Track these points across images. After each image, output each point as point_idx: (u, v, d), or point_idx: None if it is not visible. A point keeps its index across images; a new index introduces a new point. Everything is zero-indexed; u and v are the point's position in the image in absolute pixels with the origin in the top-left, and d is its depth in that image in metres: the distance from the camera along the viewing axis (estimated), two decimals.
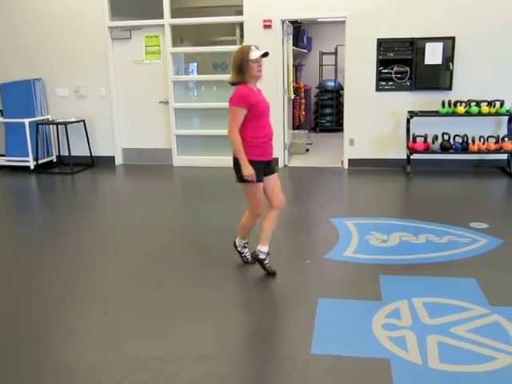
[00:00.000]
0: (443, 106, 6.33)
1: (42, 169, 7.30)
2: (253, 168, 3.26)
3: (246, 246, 3.74)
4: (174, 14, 7.04)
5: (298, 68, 10.22)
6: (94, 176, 7.08)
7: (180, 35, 7.35)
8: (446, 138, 6.42)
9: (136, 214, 5.19)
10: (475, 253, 3.85)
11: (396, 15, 6.47)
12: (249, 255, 3.73)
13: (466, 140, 6.35)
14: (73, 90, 7.46)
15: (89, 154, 7.49)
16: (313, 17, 7.30)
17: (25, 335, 2.85)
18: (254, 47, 3.27)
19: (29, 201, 6.04)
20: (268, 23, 6.71)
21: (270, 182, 3.46)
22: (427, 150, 6.41)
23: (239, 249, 3.76)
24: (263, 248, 3.51)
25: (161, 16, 7.00)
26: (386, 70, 6.66)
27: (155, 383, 2.38)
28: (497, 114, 6.30)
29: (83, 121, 7.41)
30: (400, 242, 4.10)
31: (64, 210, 5.47)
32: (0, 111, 7.57)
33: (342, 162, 7.08)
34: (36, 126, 7.19)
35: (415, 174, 6.42)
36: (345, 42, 6.74)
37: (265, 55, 3.27)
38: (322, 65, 10.89)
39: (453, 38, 6.38)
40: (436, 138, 6.36)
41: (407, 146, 6.55)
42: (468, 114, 6.29)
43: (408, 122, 6.51)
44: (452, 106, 6.32)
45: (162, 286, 3.45)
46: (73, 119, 7.36)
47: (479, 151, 6.36)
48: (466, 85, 6.47)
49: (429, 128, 6.49)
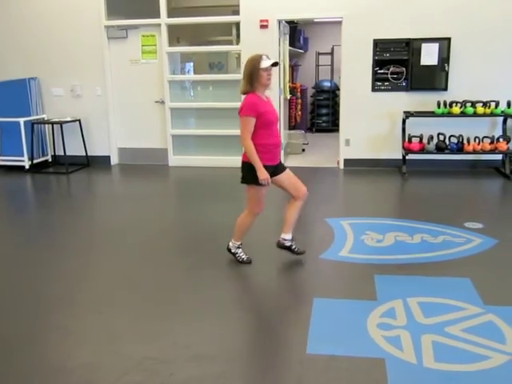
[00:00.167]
0: (439, 106, 6.35)
1: (37, 168, 7.28)
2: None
3: (239, 247, 3.78)
4: (170, 14, 7.03)
5: (294, 68, 10.23)
6: (90, 176, 7.06)
7: (176, 35, 7.34)
8: (442, 138, 6.44)
9: (131, 214, 5.19)
10: (470, 252, 3.87)
11: (392, 16, 6.49)
12: (243, 255, 3.75)
13: (461, 140, 6.37)
14: (68, 89, 7.44)
15: (84, 154, 7.47)
16: (309, 17, 7.30)
17: (20, 336, 2.84)
18: (265, 56, 3.41)
19: (23, 201, 6.01)
20: (264, 23, 6.70)
21: (286, 177, 3.69)
22: (423, 151, 6.43)
23: (233, 250, 3.78)
24: (287, 236, 3.77)
25: (157, 15, 7.00)
26: (382, 71, 6.68)
27: (150, 383, 2.38)
28: (492, 114, 6.32)
29: (79, 120, 7.40)
30: (395, 242, 4.11)
31: (59, 211, 5.46)
32: None
33: (338, 162, 7.09)
34: (31, 125, 7.16)
35: (411, 174, 6.44)
36: (341, 43, 6.75)
37: (275, 65, 3.42)
38: (318, 65, 10.90)
39: (448, 39, 6.40)
40: (431, 138, 6.38)
41: (403, 147, 6.56)
42: (463, 114, 6.32)
43: (404, 122, 6.53)
44: (447, 106, 6.34)
45: (156, 286, 3.45)
46: (68, 119, 7.34)
47: (474, 152, 6.38)
48: (461, 85, 6.50)
49: (424, 128, 6.51)
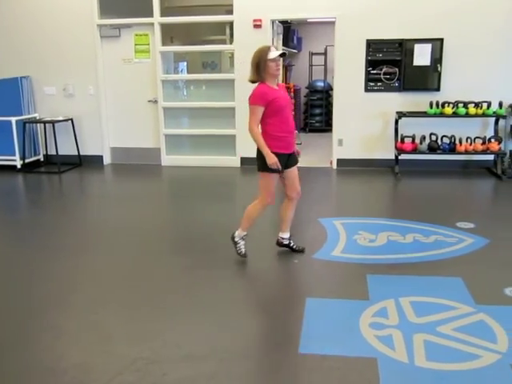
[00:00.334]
0: (431, 106, 6.38)
1: (28, 168, 7.23)
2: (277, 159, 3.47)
3: (243, 239, 3.78)
4: (163, 13, 7.01)
5: (287, 68, 10.22)
6: (82, 175, 7.03)
7: (170, 34, 7.32)
8: (434, 138, 6.48)
9: (124, 214, 5.17)
10: (461, 252, 3.89)
11: (385, 16, 6.51)
12: (243, 248, 3.77)
13: (453, 141, 6.41)
14: (61, 88, 7.40)
15: (77, 153, 7.43)
16: (303, 17, 7.31)
17: (12, 336, 2.82)
18: (273, 47, 3.51)
19: (15, 201, 5.97)
20: (258, 23, 6.70)
21: (292, 174, 3.69)
22: (415, 151, 6.46)
23: (236, 239, 3.77)
24: (285, 234, 3.89)
25: (150, 14, 6.97)
26: (374, 71, 6.70)
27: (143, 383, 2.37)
28: (484, 115, 6.36)
29: (71, 119, 7.36)
30: (388, 242, 4.13)
31: (51, 211, 5.42)
32: None
33: (331, 162, 7.10)
34: (23, 124, 7.11)
35: (403, 174, 6.46)
36: (334, 43, 6.76)
37: (282, 55, 3.51)
38: (311, 65, 10.91)
39: (441, 40, 6.43)
40: (424, 138, 6.41)
41: (395, 147, 6.59)
42: (455, 115, 6.35)
43: (396, 122, 6.56)
44: (440, 106, 6.37)
45: (149, 286, 3.44)
46: (60, 118, 7.30)
47: (466, 152, 6.42)
48: (453, 86, 6.53)
49: (417, 128, 6.54)
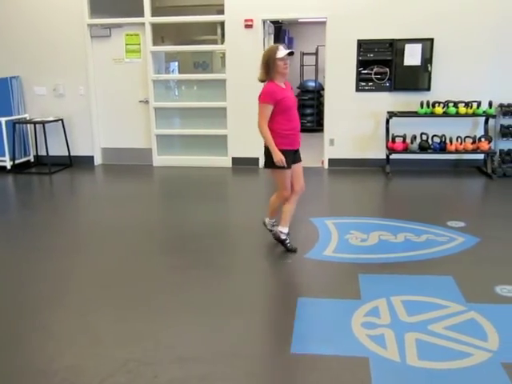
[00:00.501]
0: (422, 106, 6.41)
1: (19, 169, 7.16)
2: (284, 156, 3.61)
3: (274, 225, 4.06)
4: (154, 13, 6.98)
5: None
6: (73, 176, 6.98)
7: (161, 34, 7.29)
8: (425, 138, 6.51)
9: (115, 214, 5.14)
10: (452, 251, 3.91)
11: (376, 17, 6.53)
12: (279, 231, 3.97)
13: (443, 140, 6.44)
14: (51, 88, 7.34)
15: (67, 154, 7.38)
16: (294, 17, 7.32)
17: (3, 337, 2.79)
18: (281, 47, 3.59)
19: (5, 202, 5.92)
20: (249, 23, 6.70)
21: (296, 169, 3.84)
22: (406, 150, 6.49)
23: (269, 227, 4.11)
24: (284, 229, 3.90)
25: (141, 14, 6.94)
26: (365, 71, 6.72)
27: None
28: (474, 114, 6.40)
29: (61, 120, 7.31)
30: (379, 241, 4.14)
31: (42, 211, 5.38)
32: None
33: (323, 162, 7.11)
34: (13, 125, 7.05)
35: (394, 173, 6.49)
36: (325, 43, 6.77)
37: (290, 54, 3.58)
38: (302, 65, 10.92)
39: (431, 40, 6.47)
40: (415, 138, 6.44)
41: (386, 146, 6.61)
42: (446, 114, 6.38)
43: (387, 122, 6.58)
44: (430, 106, 6.41)
45: (139, 287, 3.42)
46: (51, 118, 7.25)
47: (457, 151, 6.46)
48: (444, 86, 6.57)
49: (408, 128, 6.56)
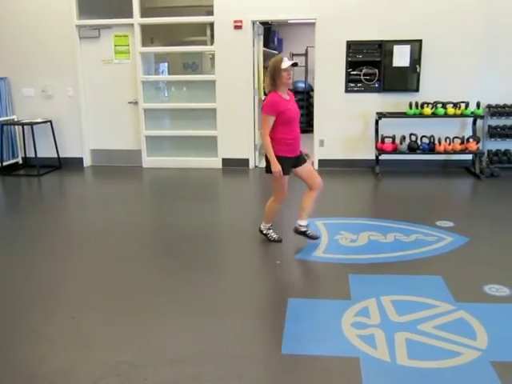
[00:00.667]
0: (410, 107, 6.45)
1: (7, 171, 7.10)
2: (283, 162, 3.76)
3: (270, 228, 4.16)
4: (143, 14, 6.96)
5: (267, 69, 10.23)
6: (62, 178, 6.93)
7: (150, 35, 7.26)
8: (414, 138, 6.55)
9: (104, 216, 5.11)
10: (441, 251, 3.94)
11: (365, 18, 6.57)
12: (274, 234, 4.13)
13: (432, 141, 6.49)
14: (39, 89, 7.29)
15: (56, 156, 7.33)
16: (283, 18, 7.33)
17: None
18: (285, 58, 3.72)
19: None
20: (238, 24, 6.70)
21: (305, 170, 3.97)
22: (395, 151, 6.53)
23: (264, 231, 4.16)
24: (303, 222, 4.04)
25: (130, 15, 6.91)
26: (354, 72, 6.75)
27: None
28: (462, 115, 6.45)
29: (50, 121, 7.25)
30: (369, 242, 4.16)
31: (30, 213, 5.33)
32: None
33: (312, 163, 7.11)
34: (1, 126, 6.98)
35: (384, 174, 6.52)
36: (315, 44, 6.80)
37: (294, 65, 3.71)
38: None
39: (420, 41, 6.52)
40: (404, 138, 6.48)
41: (376, 147, 6.65)
42: (434, 115, 6.44)
43: (376, 123, 6.62)
44: (419, 107, 6.45)
45: (130, 289, 3.41)
46: (39, 120, 7.19)
47: (445, 152, 6.51)
48: (432, 87, 6.62)
49: (397, 129, 6.61)
